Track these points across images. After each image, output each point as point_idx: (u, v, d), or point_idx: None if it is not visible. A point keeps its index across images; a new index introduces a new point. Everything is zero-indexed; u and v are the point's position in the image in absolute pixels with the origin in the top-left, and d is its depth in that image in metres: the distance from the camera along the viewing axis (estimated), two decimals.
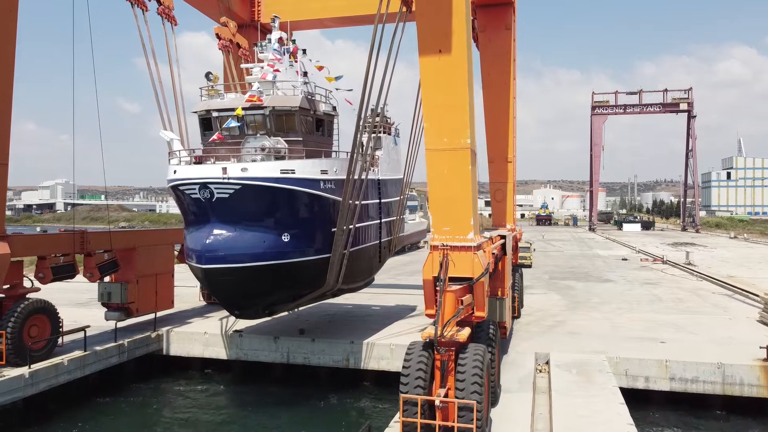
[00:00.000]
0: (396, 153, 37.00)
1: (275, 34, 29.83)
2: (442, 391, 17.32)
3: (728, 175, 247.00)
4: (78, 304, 41.49)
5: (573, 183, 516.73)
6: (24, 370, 24.78)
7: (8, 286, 26.39)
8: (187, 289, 44.73)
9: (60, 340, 28.00)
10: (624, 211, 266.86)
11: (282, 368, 31.02)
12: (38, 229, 39.06)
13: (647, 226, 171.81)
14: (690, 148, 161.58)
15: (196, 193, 24.52)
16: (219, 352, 31.62)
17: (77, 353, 27.77)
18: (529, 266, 66.66)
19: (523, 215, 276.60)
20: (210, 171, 24.37)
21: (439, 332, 17.06)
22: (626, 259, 79.78)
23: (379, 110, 39.34)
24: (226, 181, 24.06)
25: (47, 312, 27.28)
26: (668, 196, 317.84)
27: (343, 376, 30.20)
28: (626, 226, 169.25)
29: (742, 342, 30.13)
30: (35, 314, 26.58)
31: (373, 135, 36.89)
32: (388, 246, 34.75)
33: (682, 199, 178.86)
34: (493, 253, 23.00)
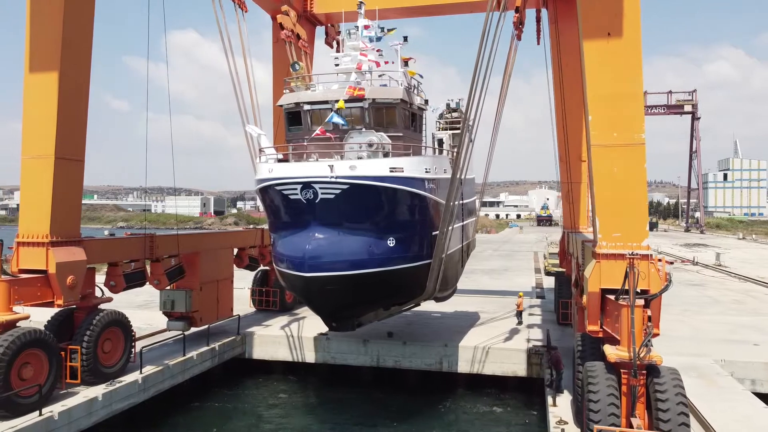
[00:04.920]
0: (471, 150, 34.80)
1: (361, 21, 27.39)
2: (637, 422, 15.17)
3: (725, 177, 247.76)
4: (138, 306, 39.04)
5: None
6: (137, 376, 24.34)
7: (80, 296, 23.78)
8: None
9: (132, 355, 25.51)
10: None
11: (370, 372, 30.35)
12: (106, 232, 36.39)
13: (651, 227, 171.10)
14: (694, 149, 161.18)
15: (296, 194, 22.05)
16: (305, 355, 31.02)
17: (152, 361, 25.83)
18: None
19: (519, 215, 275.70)
20: (315, 169, 21.93)
21: (637, 353, 14.93)
22: None
23: (454, 105, 37.49)
24: (333, 180, 21.64)
25: (121, 324, 24.75)
26: (662, 197, 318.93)
27: (435, 379, 29.59)
28: None
29: None
30: (110, 327, 24.06)
31: (453, 132, 34.98)
32: (467, 250, 32.63)
33: (686, 201, 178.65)
34: None
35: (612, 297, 17.17)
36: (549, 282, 56.26)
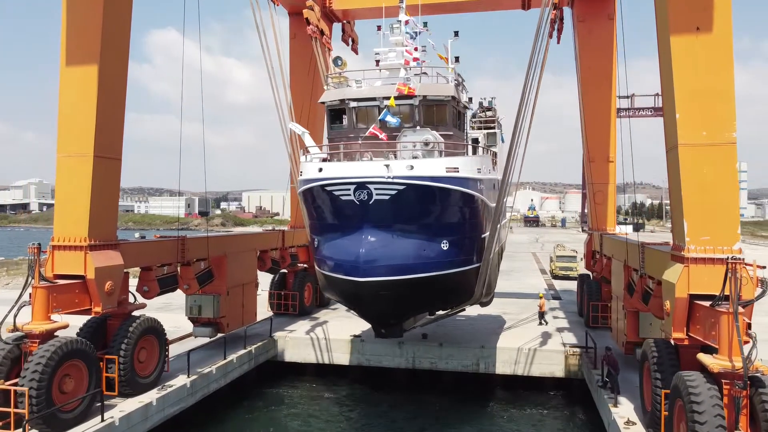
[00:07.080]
0: (502, 150, 34.08)
1: (402, 17, 26.35)
2: None
3: None
4: (157, 309, 37.20)
5: (546, 185, 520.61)
6: (185, 380, 23.90)
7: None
8: None
9: (166, 364, 24.24)
10: None
11: (403, 373, 29.94)
12: (136, 235, 34.82)
13: (638, 227, 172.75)
14: None
15: (349, 195, 20.91)
16: (338, 357, 30.57)
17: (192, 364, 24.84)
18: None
19: None
20: (369, 169, 20.85)
21: (746, 363, 14.19)
22: None
23: (487, 104, 36.65)
24: (389, 180, 20.57)
25: (156, 332, 23.46)
26: (644, 198, 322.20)
27: (470, 381, 29.34)
28: (618, 228, 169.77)
29: None
30: (145, 335, 22.75)
31: (490, 131, 34.17)
32: (500, 253, 31.79)
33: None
34: None
35: (702, 303, 16.47)
36: (559, 284, 55.95)
